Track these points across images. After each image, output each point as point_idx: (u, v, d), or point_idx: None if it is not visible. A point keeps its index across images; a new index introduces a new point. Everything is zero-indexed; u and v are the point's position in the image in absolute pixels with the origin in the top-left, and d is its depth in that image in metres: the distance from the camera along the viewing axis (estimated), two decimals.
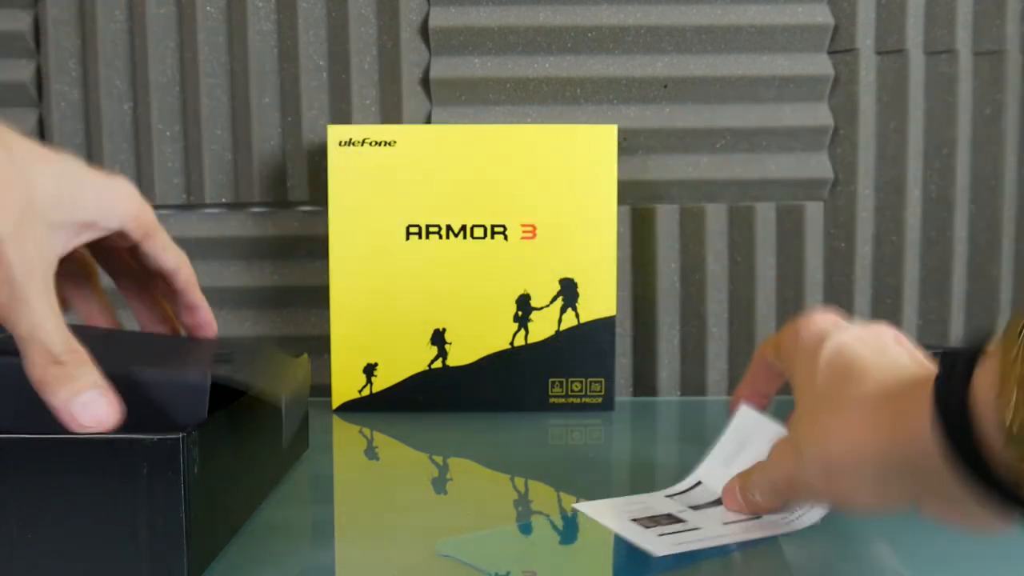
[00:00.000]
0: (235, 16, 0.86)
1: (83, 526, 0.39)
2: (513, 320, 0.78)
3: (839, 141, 0.89)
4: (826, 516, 0.48)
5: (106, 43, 0.88)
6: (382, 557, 0.46)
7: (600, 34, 0.88)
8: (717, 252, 0.89)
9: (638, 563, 0.45)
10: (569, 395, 0.79)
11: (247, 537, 0.49)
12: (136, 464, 0.39)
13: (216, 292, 0.89)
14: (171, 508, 0.39)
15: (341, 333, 0.78)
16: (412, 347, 0.78)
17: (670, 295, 0.90)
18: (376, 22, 0.88)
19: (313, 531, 0.50)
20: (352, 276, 0.78)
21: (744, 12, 0.87)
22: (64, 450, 0.39)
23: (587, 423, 0.75)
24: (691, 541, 0.47)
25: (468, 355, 0.78)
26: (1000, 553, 0.46)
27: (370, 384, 0.79)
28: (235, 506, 0.49)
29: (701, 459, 0.55)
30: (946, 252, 0.89)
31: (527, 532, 0.50)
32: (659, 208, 0.89)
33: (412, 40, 0.88)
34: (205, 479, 0.42)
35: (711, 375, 0.90)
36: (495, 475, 0.61)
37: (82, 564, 0.40)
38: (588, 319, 0.78)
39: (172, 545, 0.40)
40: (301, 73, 0.87)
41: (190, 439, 0.40)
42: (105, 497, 0.39)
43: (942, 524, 0.39)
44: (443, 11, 0.87)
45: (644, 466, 0.65)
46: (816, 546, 0.48)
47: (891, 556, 0.46)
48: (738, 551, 0.46)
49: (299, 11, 0.87)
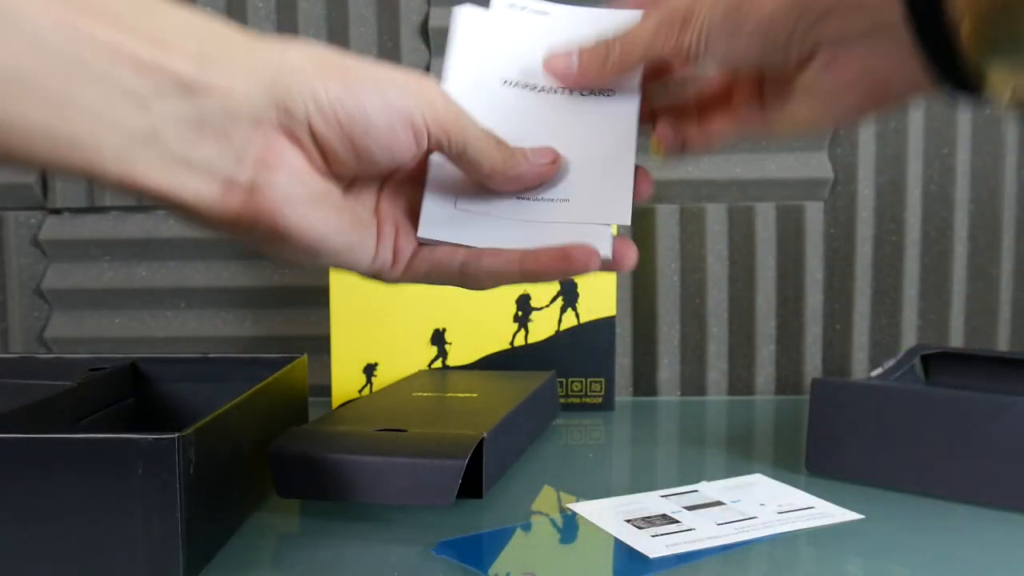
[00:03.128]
0: (235, 16, 0.86)
1: (79, 526, 0.39)
2: (513, 320, 0.78)
3: (839, 141, 0.88)
4: (823, 516, 0.48)
5: None
6: (382, 557, 0.46)
7: None
8: (717, 252, 0.89)
9: (637, 563, 0.45)
10: (569, 395, 0.79)
11: (246, 537, 0.49)
12: (131, 464, 0.39)
13: (216, 292, 0.89)
14: (167, 509, 0.39)
15: (341, 333, 0.78)
16: (412, 347, 0.78)
17: (670, 295, 0.89)
18: (376, 22, 0.88)
19: (312, 531, 0.49)
20: (352, 276, 0.78)
21: None
22: (60, 450, 0.39)
23: (587, 423, 0.75)
24: (684, 542, 0.47)
25: (468, 355, 0.78)
26: (1000, 553, 0.46)
27: (370, 384, 0.78)
28: (232, 507, 0.49)
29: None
30: (946, 252, 0.89)
31: (527, 532, 0.50)
32: (659, 208, 0.89)
33: (412, 40, 0.88)
34: (201, 480, 0.42)
35: (711, 375, 0.90)
36: None
37: (78, 564, 0.40)
38: (588, 319, 0.78)
39: (168, 545, 0.40)
40: None
41: (185, 439, 0.40)
42: (101, 497, 0.39)
43: (836, 82, 0.36)
44: (443, 11, 0.87)
45: (644, 466, 0.65)
46: (809, 547, 0.48)
47: (885, 558, 0.46)
48: (735, 551, 0.46)
49: (299, 11, 0.87)
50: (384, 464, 0.48)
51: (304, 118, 0.33)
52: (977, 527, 0.49)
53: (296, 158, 0.33)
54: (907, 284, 0.89)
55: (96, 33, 0.29)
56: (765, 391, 0.90)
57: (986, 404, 0.51)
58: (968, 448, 0.52)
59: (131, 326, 0.90)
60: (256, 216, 0.33)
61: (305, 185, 0.34)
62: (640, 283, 0.90)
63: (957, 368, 0.64)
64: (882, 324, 0.90)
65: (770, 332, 0.89)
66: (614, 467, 0.65)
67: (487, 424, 0.53)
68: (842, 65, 0.36)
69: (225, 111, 0.31)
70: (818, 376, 0.70)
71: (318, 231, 0.34)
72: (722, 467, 0.61)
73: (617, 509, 0.52)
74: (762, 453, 0.65)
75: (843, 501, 0.53)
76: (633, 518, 0.50)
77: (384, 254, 0.38)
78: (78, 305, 0.89)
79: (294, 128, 0.33)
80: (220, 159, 0.32)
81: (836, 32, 0.35)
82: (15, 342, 0.91)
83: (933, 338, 0.89)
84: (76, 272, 0.89)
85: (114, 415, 0.59)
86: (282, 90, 0.32)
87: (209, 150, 0.31)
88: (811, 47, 0.36)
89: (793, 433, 0.70)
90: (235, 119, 0.32)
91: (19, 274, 0.90)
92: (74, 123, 0.29)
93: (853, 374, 0.89)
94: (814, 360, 0.89)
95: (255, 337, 0.90)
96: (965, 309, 0.89)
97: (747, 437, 0.71)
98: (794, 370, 0.90)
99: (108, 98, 0.29)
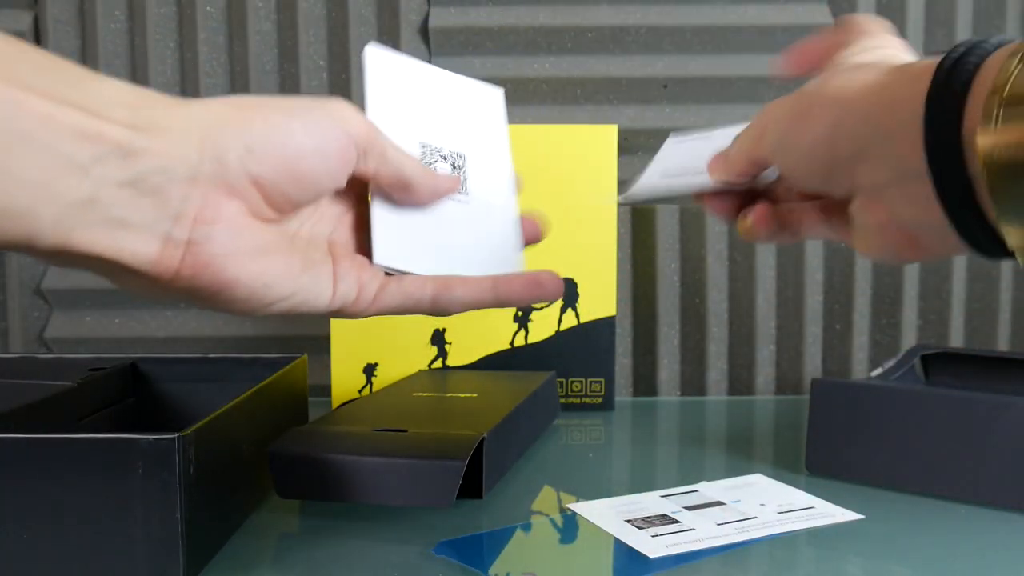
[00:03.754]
0: (235, 16, 0.86)
1: (79, 526, 0.39)
2: (513, 320, 0.78)
3: None
4: (823, 516, 0.48)
5: (106, 43, 0.88)
6: (382, 557, 0.46)
7: (600, 34, 0.87)
8: (717, 252, 0.89)
9: (637, 563, 0.45)
10: (569, 395, 0.79)
11: (246, 537, 0.49)
12: (131, 464, 0.39)
13: None
14: (167, 509, 0.39)
15: (341, 333, 0.78)
16: (412, 347, 0.78)
17: (670, 295, 0.90)
18: (376, 22, 0.88)
19: (312, 531, 0.49)
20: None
21: (744, 12, 0.87)
22: (60, 450, 0.39)
23: (587, 423, 0.75)
24: (684, 542, 0.47)
25: (468, 355, 0.78)
26: (1000, 553, 0.46)
27: (370, 384, 0.78)
28: (232, 506, 0.49)
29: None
30: None
31: (527, 532, 0.50)
32: (659, 208, 0.89)
33: (412, 40, 0.88)
34: (201, 480, 0.42)
35: (711, 375, 0.90)
36: None
37: (78, 564, 0.40)
38: (588, 319, 0.78)
39: (168, 545, 0.40)
40: (301, 73, 0.87)
41: (185, 439, 0.40)
42: (101, 497, 0.39)
43: (869, 228, 0.37)
44: (443, 11, 0.87)
45: (644, 466, 0.65)
46: (809, 547, 0.48)
47: (886, 557, 0.46)
48: (735, 551, 0.46)
49: (299, 11, 0.87)
50: (384, 464, 0.48)
51: (238, 164, 0.33)
52: (977, 527, 0.49)
53: (234, 209, 0.34)
54: (907, 284, 0.89)
55: (33, 104, 0.29)
56: (765, 391, 0.90)
57: (986, 404, 0.51)
58: (968, 448, 0.52)
59: (131, 326, 0.90)
60: (196, 271, 0.33)
61: (245, 236, 0.34)
62: (640, 283, 0.90)
63: (957, 368, 0.64)
64: (882, 324, 0.90)
65: (770, 332, 0.89)
66: (614, 467, 0.65)
67: (487, 424, 0.53)
68: (875, 208, 0.37)
69: (161, 171, 0.32)
70: (818, 376, 0.70)
71: (262, 279, 0.35)
72: (722, 467, 0.61)
73: (617, 509, 0.52)
74: (762, 453, 0.65)
75: (843, 501, 0.53)
76: (633, 518, 0.50)
77: (345, 291, 0.38)
78: (78, 305, 0.89)
79: (229, 178, 0.33)
80: (158, 218, 0.32)
81: (866, 176, 0.36)
82: (15, 342, 0.91)
83: (933, 338, 0.89)
84: (76, 272, 0.89)
85: (114, 415, 0.59)
86: (211, 144, 0.33)
87: (147, 210, 0.32)
88: (850, 186, 0.38)
89: (793, 433, 0.70)
90: (171, 178, 0.32)
91: (19, 274, 0.90)
92: (12, 195, 0.29)
93: (853, 374, 0.89)
94: (814, 360, 0.89)
95: (255, 337, 0.90)
96: (965, 309, 0.89)
97: (747, 437, 0.71)
98: (794, 370, 0.90)
99: (48, 168, 0.29)
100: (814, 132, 0.37)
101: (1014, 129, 0.30)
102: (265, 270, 0.35)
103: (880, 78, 0.36)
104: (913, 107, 0.33)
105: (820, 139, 0.37)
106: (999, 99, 0.30)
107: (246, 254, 0.34)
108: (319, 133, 0.35)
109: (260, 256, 0.34)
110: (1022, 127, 0.30)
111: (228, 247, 0.33)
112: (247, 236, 0.34)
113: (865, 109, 0.36)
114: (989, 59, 0.32)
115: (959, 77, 0.32)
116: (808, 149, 0.38)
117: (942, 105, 0.32)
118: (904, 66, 0.36)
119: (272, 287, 0.35)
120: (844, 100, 0.37)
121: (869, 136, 0.35)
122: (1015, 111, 0.30)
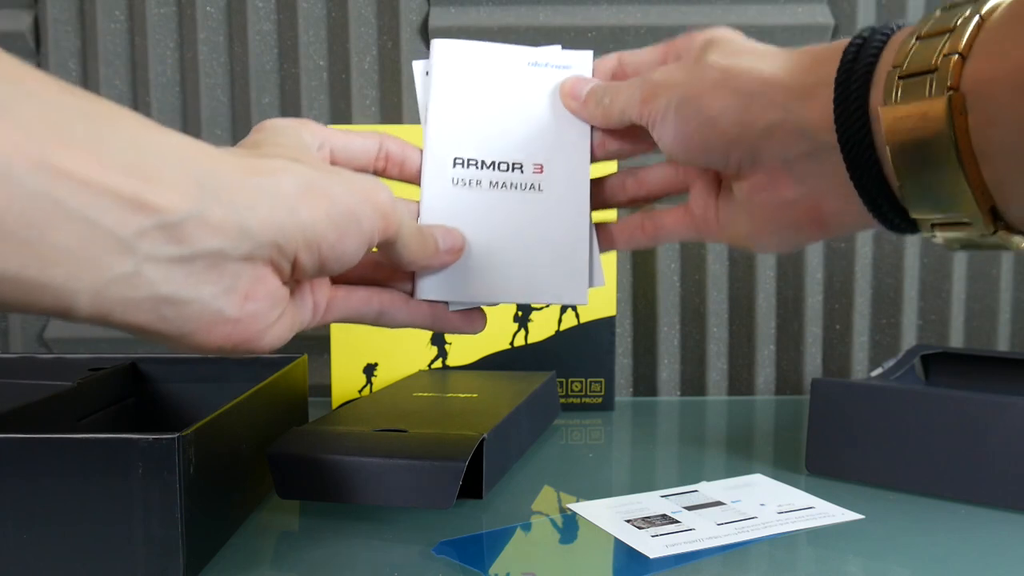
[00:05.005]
0: (235, 16, 0.86)
1: (79, 526, 0.39)
2: (513, 320, 0.78)
3: None
4: (823, 516, 0.48)
5: (106, 43, 0.88)
6: (382, 557, 0.46)
7: (600, 34, 0.87)
8: (717, 252, 0.89)
9: (637, 563, 0.45)
10: (569, 395, 0.79)
11: (246, 537, 0.49)
12: (131, 464, 0.39)
13: None
14: (167, 509, 0.39)
15: (341, 333, 0.78)
16: (412, 347, 0.78)
17: (670, 295, 0.90)
18: (376, 22, 0.88)
19: (312, 531, 0.49)
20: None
21: (744, 12, 0.87)
22: (60, 450, 0.39)
23: (587, 423, 0.75)
24: (684, 542, 0.47)
25: (468, 355, 0.78)
26: (1000, 553, 0.46)
27: (370, 384, 0.78)
28: (232, 506, 0.49)
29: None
30: (946, 252, 0.89)
31: (527, 532, 0.50)
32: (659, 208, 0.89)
33: (412, 40, 0.88)
34: (201, 480, 0.42)
35: (711, 375, 0.90)
36: None
37: (78, 564, 0.40)
38: (588, 319, 0.78)
39: (168, 545, 0.40)
40: (301, 73, 0.87)
41: (185, 439, 0.40)
42: (101, 497, 0.39)
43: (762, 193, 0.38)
44: (443, 11, 0.87)
45: (643, 466, 0.65)
46: (809, 547, 0.48)
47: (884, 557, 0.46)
48: (735, 551, 0.46)
49: (299, 11, 0.87)
50: (384, 465, 0.48)
51: (292, 253, 0.33)
52: (977, 527, 0.49)
53: (275, 283, 0.34)
54: (907, 284, 0.89)
55: (73, 169, 0.26)
56: (765, 391, 0.90)
57: (986, 404, 0.51)
58: (968, 448, 0.52)
59: None
60: (236, 344, 0.33)
61: (278, 305, 0.34)
62: (640, 283, 0.90)
63: (957, 368, 0.64)
64: (882, 324, 0.90)
65: (770, 332, 0.89)
66: (614, 467, 0.65)
67: (487, 425, 0.53)
68: (782, 184, 0.38)
69: (219, 251, 0.30)
70: (818, 376, 0.70)
71: (281, 338, 0.35)
72: (722, 467, 0.61)
73: (617, 509, 0.52)
74: (762, 453, 0.65)
75: (843, 501, 0.53)
76: (633, 518, 0.50)
77: (303, 314, 0.39)
78: None
79: (281, 261, 0.33)
80: (212, 296, 0.31)
81: (777, 151, 0.37)
82: (15, 342, 0.91)
83: (933, 338, 0.89)
84: None
85: (114, 415, 0.59)
86: (275, 229, 0.32)
87: (199, 288, 0.30)
88: (752, 161, 0.38)
89: (793, 433, 0.70)
90: (227, 257, 0.30)
91: None
92: (48, 269, 0.26)
93: (853, 374, 0.89)
94: (814, 360, 0.89)
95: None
96: (965, 309, 0.89)
97: (747, 437, 0.71)
98: (794, 370, 0.90)
99: (86, 241, 0.27)
100: (723, 103, 0.38)
101: (912, 105, 0.32)
102: (284, 328, 0.35)
103: (792, 56, 0.38)
104: (826, 82, 0.35)
105: (730, 110, 0.38)
106: (897, 75, 0.32)
107: (277, 321, 0.34)
108: (370, 230, 0.36)
109: (283, 318, 0.35)
110: (918, 101, 0.31)
111: (269, 319, 0.34)
112: (279, 304, 0.34)
113: (783, 83, 0.37)
114: (891, 39, 0.34)
115: (865, 56, 0.34)
116: (711, 119, 0.38)
117: (850, 83, 0.34)
118: (813, 48, 0.38)
119: (282, 339, 0.36)
120: (758, 75, 0.37)
121: (782, 110, 0.36)
122: (911, 84, 0.32)
